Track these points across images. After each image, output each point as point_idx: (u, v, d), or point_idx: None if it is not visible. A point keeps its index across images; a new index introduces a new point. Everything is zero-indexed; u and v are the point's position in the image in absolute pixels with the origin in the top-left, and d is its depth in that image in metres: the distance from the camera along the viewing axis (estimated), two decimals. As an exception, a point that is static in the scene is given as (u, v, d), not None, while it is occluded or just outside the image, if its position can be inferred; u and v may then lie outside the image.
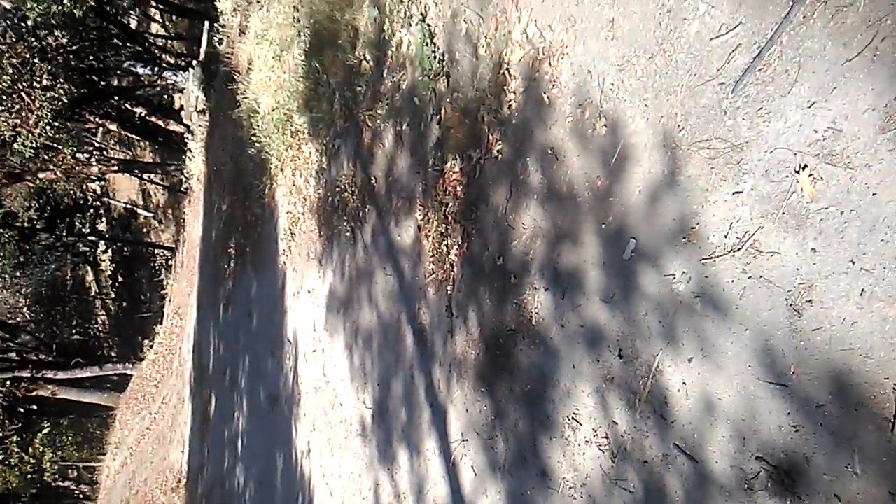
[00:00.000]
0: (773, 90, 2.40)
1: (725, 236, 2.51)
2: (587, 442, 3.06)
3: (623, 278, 2.98)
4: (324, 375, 6.52)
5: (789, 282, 2.31)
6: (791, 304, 2.30)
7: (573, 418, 3.16)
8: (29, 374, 21.27)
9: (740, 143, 2.49)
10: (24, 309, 32.01)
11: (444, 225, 4.59)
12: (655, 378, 2.73)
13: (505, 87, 3.94)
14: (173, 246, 22.53)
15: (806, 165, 2.28)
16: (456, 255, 4.43)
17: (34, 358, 23.31)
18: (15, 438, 21.25)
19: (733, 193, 2.49)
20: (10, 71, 13.08)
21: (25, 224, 26.65)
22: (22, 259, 29.06)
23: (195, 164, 15.64)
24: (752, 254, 2.42)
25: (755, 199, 2.43)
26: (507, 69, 3.91)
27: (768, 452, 2.35)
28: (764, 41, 2.43)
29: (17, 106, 13.54)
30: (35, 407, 23.42)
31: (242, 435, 9.42)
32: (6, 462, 20.72)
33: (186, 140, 16.49)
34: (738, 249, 2.46)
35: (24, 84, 13.40)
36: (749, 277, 2.43)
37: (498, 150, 4.00)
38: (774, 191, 2.37)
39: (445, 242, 4.56)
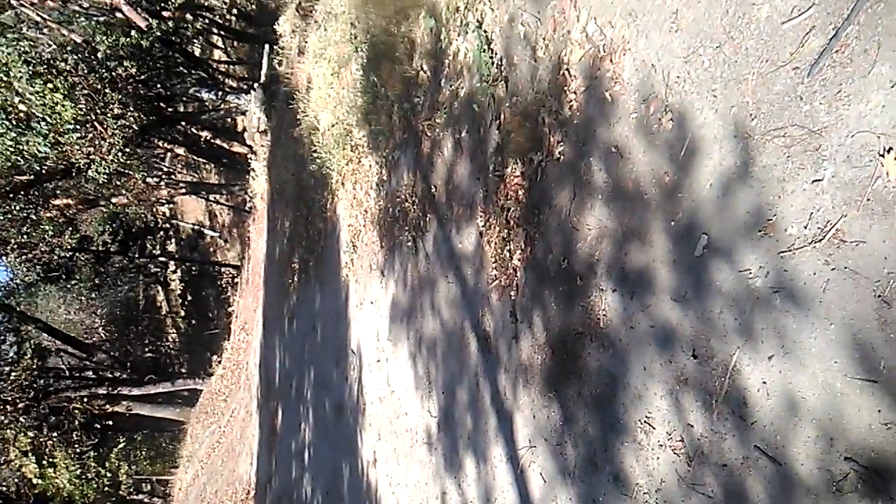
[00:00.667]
0: (853, 72, 2.30)
1: (805, 227, 2.41)
2: (661, 446, 2.97)
3: (695, 276, 2.89)
4: (388, 385, 6.55)
5: (877, 272, 2.19)
6: (880, 296, 2.18)
7: (645, 422, 3.07)
8: (105, 392, 22.17)
9: (818, 129, 2.39)
10: (100, 329, 33.47)
11: (506, 230, 4.57)
12: (733, 378, 2.63)
13: (565, 88, 3.91)
14: (239, 264, 23.21)
15: (891, 148, 2.17)
16: (519, 260, 4.40)
17: (110, 375, 24.31)
18: (92, 454, 22.09)
19: (812, 182, 2.39)
20: (84, 101, 13.75)
21: (100, 247, 27.93)
22: (97, 281, 30.43)
23: (258, 184, 16.11)
24: (836, 244, 2.31)
25: (837, 186, 2.32)
26: (567, 69, 3.88)
27: (858, 452, 2.22)
28: (840, 21, 2.34)
29: (91, 134, 14.20)
30: (111, 423, 24.32)
31: (309, 446, 9.55)
32: (84, 476, 21.53)
33: (250, 160, 17.02)
34: (820, 240, 2.35)
35: (96, 113, 14.05)
36: (832, 269, 2.31)
37: (560, 152, 3.97)
38: (857, 177, 2.26)
39: (508, 247, 4.53)
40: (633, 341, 3.24)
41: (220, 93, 17.13)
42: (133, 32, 14.33)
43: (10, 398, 18.46)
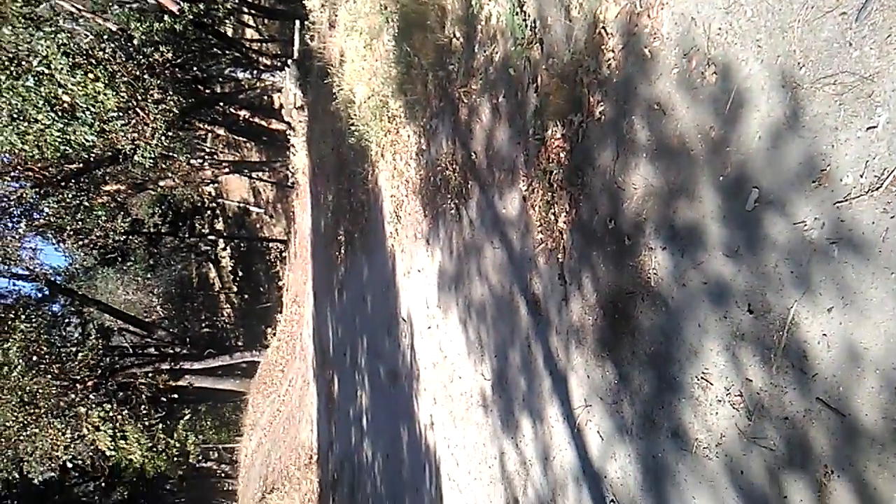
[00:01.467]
0: (906, 13, 2.21)
1: (861, 175, 2.36)
2: (719, 401, 2.99)
3: (747, 230, 2.86)
4: (440, 350, 6.68)
5: (939, 218, 2.15)
6: (942, 242, 2.14)
7: (702, 378, 3.08)
8: (168, 367, 23.10)
9: (870, 75, 2.32)
10: (158, 307, 34.73)
11: (549, 193, 4.57)
12: (791, 331, 2.62)
13: (602, 47, 3.85)
14: (285, 238, 23.65)
15: (951, 90, 2.10)
16: (565, 223, 4.40)
17: (171, 351, 25.28)
18: (160, 426, 23.04)
19: (867, 129, 2.33)
20: (124, 89, 14.03)
21: (151, 229, 28.81)
22: (151, 262, 31.53)
23: (299, 159, 16.30)
24: (894, 192, 2.26)
25: (892, 132, 2.26)
26: (603, 27, 3.81)
27: (925, 401, 2.21)
28: (892, -40, 2.24)
29: (134, 120, 14.53)
30: (175, 396, 25.36)
31: (366, 412, 9.84)
32: (154, 448, 22.55)
33: (289, 137, 17.19)
34: (877, 188, 2.30)
35: (137, 100, 14.34)
36: (892, 217, 2.27)
37: (601, 112, 3.92)
38: (915, 122, 2.20)
39: (553, 210, 4.53)
40: (685, 298, 3.24)
41: (254, 71, 17.26)
42: (166, 17, 14.50)
43: (79, 377, 19.36)
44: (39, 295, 22.39)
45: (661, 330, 3.39)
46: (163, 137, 14.75)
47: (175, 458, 24.09)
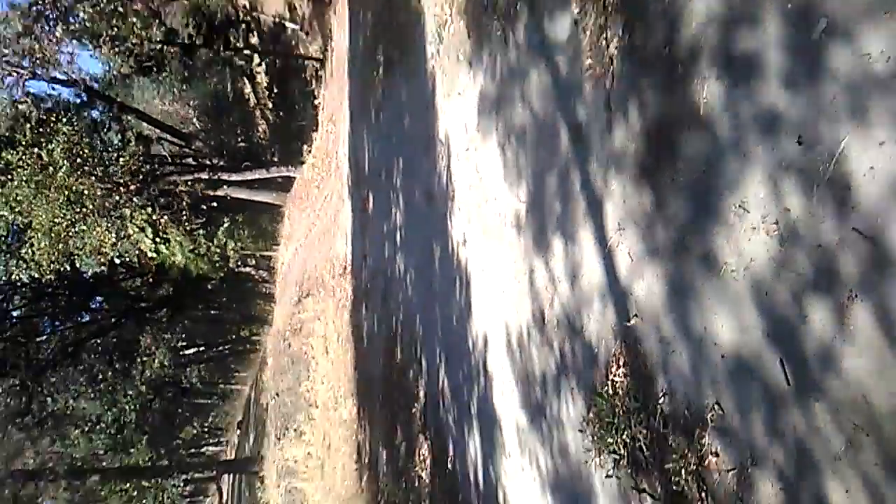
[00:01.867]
0: None
1: (942, 5, 2.27)
2: (754, 228, 3.10)
3: (809, 61, 2.80)
4: (477, 173, 6.80)
5: None
6: None
7: (740, 206, 3.18)
8: (207, 177, 23.71)
9: None
10: (194, 119, 34.86)
11: (603, 17, 4.40)
12: (838, 163, 2.66)
13: None
14: (321, 57, 23.01)
15: None
16: (616, 48, 4.29)
17: (209, 163, 25.79)
18: (201, 231, 24.00)
19: (960, -47, 2.20)
20: None
21: (186, 40, 28.14)
22: (186, 74, 31.16)
23: (336, -31, 15.44)
24: (973, 23, 2.19)
25: None
26: None
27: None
28: None
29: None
30: (215, 205, 26.20)
31: (400, 228, 10.22)
32: (196, 251, 23.69)
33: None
34: (957, 19, 2.23)
35: None
36: (964, 51, 2.22)
37: (671, -76, 3.67)
38: None
39: (605, 35, 4.40)
40: (734, 128, 3.25)
41: None
42: None
43: (122, 181, 20.01)
44: (78, 100, 22.61)
45: (704, 158, 3.44)
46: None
47: (216, 262, 25.46)
